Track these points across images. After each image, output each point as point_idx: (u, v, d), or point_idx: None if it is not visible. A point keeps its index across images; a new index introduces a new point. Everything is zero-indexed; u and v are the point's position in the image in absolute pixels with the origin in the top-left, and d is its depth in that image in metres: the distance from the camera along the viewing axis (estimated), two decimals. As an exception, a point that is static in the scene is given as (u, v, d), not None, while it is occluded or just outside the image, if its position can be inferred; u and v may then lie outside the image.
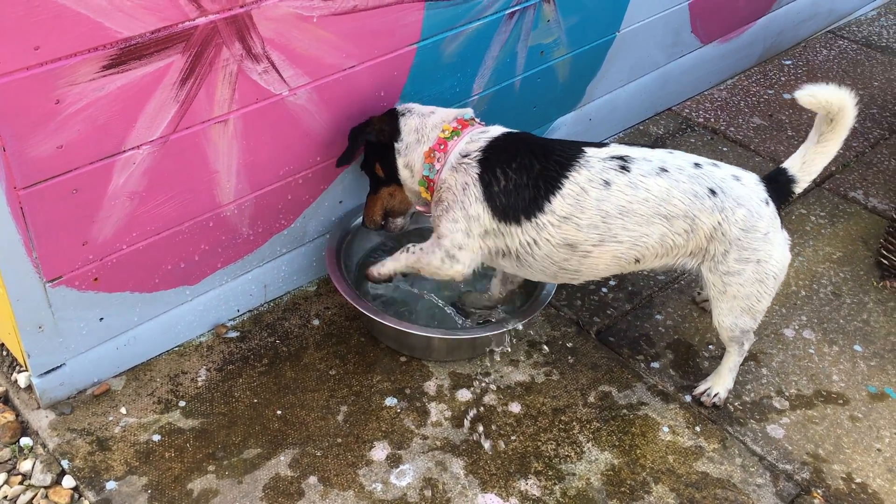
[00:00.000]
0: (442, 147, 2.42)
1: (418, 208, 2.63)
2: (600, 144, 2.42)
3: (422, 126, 2.48)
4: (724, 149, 3.78)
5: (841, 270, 3.18)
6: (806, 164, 2.43)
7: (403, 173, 2.52)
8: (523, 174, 2.35)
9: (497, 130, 2.46)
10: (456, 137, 2.42)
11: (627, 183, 2.31)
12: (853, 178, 3.66)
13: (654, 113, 3.99)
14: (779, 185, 2.43)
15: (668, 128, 3.91)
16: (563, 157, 2.36)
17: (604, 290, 3.03)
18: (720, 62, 4.13)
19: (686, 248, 2.37)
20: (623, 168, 2.32)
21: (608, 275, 2.51)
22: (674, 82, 3.94)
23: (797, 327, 2.93)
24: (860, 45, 4.66)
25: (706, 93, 4.17)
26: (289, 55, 2.38)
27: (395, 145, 2.49)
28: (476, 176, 2.37)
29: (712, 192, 2.31)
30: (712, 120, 3.98)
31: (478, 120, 2.52)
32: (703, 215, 2.31)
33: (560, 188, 2.32)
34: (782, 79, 4.32)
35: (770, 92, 4.21)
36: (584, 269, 2.44)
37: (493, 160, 2.37)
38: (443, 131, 2.44)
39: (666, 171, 2.32)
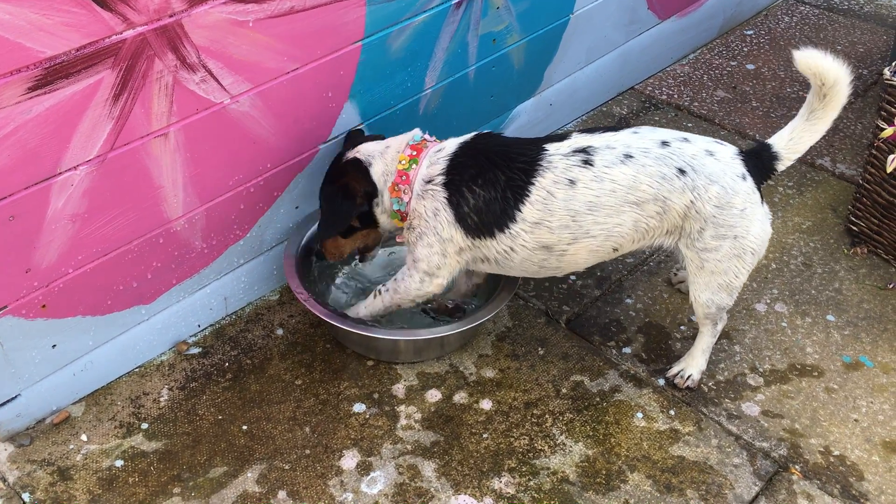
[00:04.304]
0: (404, 179, 2.39)
1: (398, 239, 2.58)
2: (562, 137, 2.35)
3: (387, 169, 2.44)
4: (689, 124, 3.74)
5: (811, 240, 3.14)
6: (792, 142, 2.37)
7: (381, 218, 2.51)
8: (490, 189, 2.31)
9: (452, 145, 2.41)
10: (415, 165, 2.38)
11: (592, 178, 2.26)
12: (820, 144, 3.61)
13: (617, 93, 3.94)
14: (761, 161, 2.37)
15: (631, 107, 3.86)
16: (526, 161, 2.31)
17: (572, 277, 2.98)
18: (680, 37, 4.08)
19: (661, 228, 2.33)
20: (586, 162, 2.27)
21: (591, 265, 2.47)
22: (634, 61, 3.89)
23: (769, 301, 2.89)
24: (822, 9, 4.62)
25: (668, 69, 4.12)
26: (226, 62, 2.32)
27: (374, 199, 2.47)
28: (444, 200, 2.34)
29: (682, 171, 2.26)
30: (675, 96, 3.93)
31: (429, 137, 2.48)
32: (673, 196, 2.27)
33: (528, 195, 2.28)
34: (745, 49, 4.27)
35: (733, 63, 4.16)
36: (564, 265, 2.42)
37: (457, 180, 2.34)
38: (400, 162, 2.40)
39: (631, 156, 2.27)
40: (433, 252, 2.40)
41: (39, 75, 1.96)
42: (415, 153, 2.41)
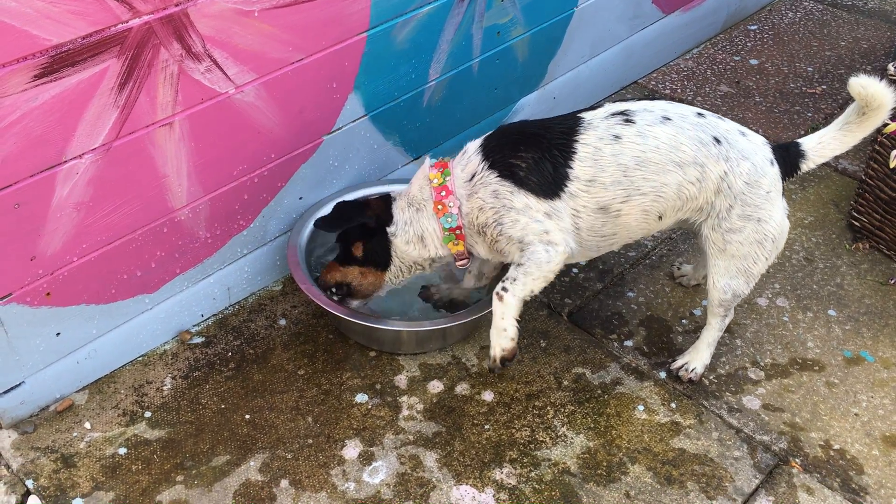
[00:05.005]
0: (444, 193, 2.35)
1: (458, 264, 2.49)
2: (593, 107, 2.37)
3: (411, 200, 2.43)
4: (692, 119, 3.74)
5: (813, 235, 3.15)
6: (821, 146, 2.40)
7: (407, 249, 2.45)
8: (534, 149, 2.28)
9: (475, 142, 2.39)
10: (448, 176, 2.36)
11: (636, 133, 2.27)
12: (823, 140, 3.62)
13: (620, 87, 3.94)
14: (788, 156, 2.40)
15: (634, 101, 3.86)
16: (564, 126, 2.32)
17: (574, 270, 2.99)
18: (684, 31, 4.08)
19: (697, 200, 2.34)
20: (627, 121, 2.29)
21: (641, 235, 2.45)
22: (638, 55, 3.89)
23: (770, 296, 2.90)
24: (826, 5, 4.62)
25: (672, 63, 4.12)
26: (231, 52, 2.32)
27: (388, 230, 2.44)
28: (497, 179, 2.29)
29: (717, 140, 2.29)
30: (679, 91, 3.93)
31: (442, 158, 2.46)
32: (709, 163, 2.28)
33: (575, 153, 2.28)
34: (748, 45, 4.27)
35: (737, 59, 4.16)
36: (619, 231, 2.40)
37: (500, 158, 2.31)
38: (431, 181, 2.38)
39: (669, 119, 2.29)
40: (524, 222, 2.28)
41: (45, 63, 1.97)
42: (441, 168, 2.39)
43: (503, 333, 2.35)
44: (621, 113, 2.31)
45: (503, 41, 3.15)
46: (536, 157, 2.28)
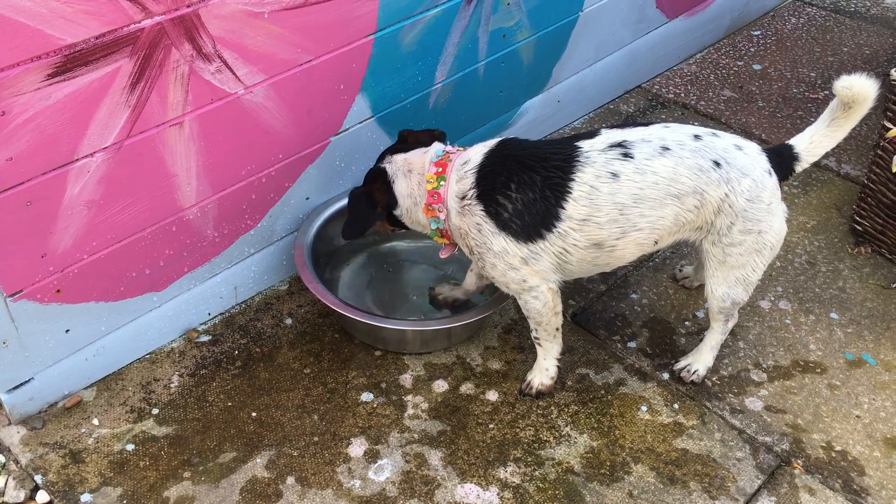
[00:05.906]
0: (436, 198, 2.36)
1: (441, 255, 2.57)
2: (591, 134, 2.33)
3: (410, 190, 2.42)
4: (696, 123, 3.76)
5: (815, 239, 3.17)
6: (812, 145, 2.41)
7: (416, 227, 2.53)
8: (526, 191, 2.26)
9: (478, 155, 2.35)
10: (443, 182, 2.36)
11: (634, 170, 2.24)
12: (825, 145, 3.64)
13: (624, 91, 3.96)
14: (782, 160, 2.39)
15: (638, 105, 3.89)
16: (561, 159, 2.28)
17: (578, 272, 3.01)
18: (688, 36, 4.10)
19: (695, 223, 2.34)
20: (626, 155, 2.25)
21: (635, 258, 2.44)
22: (642, 59, 3.91)
23: (773, 298, 2.92)
24: (828, 11, 4.64)
25: (675, 68, 4.15)
26: (242, 53, 2.34)
27: (395, 213, 2.48)
28: (482, 213, 2.30)
29: (717, 163, 2.27)
30: (682, 95, 3.95)
31: (451, 148, 2.44)
32: (710, 189, 2.27)
33: (570, 192, 2.25)
34: (752, 50, 4.30)
35: (740, 63, 4.19)
36: (613, 261, 2.41)
37: (489, 190, 2.30)
38: (428, 183, 2.37)
39: (668, 148, 2.26)
40: (502, 270, 2.34)
41: (59, 62, 1.99)
42: (440, 169, 2.37)
43: (545, 372, 2.56)
44: (619, 145, 2.26)
45: (509, 44, 3.18)
46: (527, 199, 2.26)
